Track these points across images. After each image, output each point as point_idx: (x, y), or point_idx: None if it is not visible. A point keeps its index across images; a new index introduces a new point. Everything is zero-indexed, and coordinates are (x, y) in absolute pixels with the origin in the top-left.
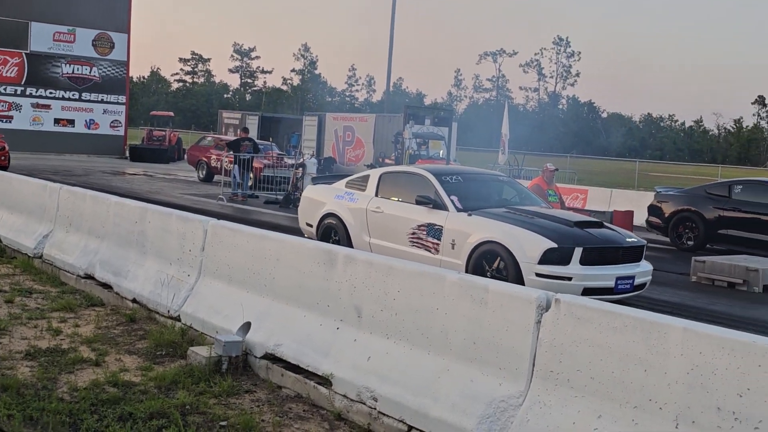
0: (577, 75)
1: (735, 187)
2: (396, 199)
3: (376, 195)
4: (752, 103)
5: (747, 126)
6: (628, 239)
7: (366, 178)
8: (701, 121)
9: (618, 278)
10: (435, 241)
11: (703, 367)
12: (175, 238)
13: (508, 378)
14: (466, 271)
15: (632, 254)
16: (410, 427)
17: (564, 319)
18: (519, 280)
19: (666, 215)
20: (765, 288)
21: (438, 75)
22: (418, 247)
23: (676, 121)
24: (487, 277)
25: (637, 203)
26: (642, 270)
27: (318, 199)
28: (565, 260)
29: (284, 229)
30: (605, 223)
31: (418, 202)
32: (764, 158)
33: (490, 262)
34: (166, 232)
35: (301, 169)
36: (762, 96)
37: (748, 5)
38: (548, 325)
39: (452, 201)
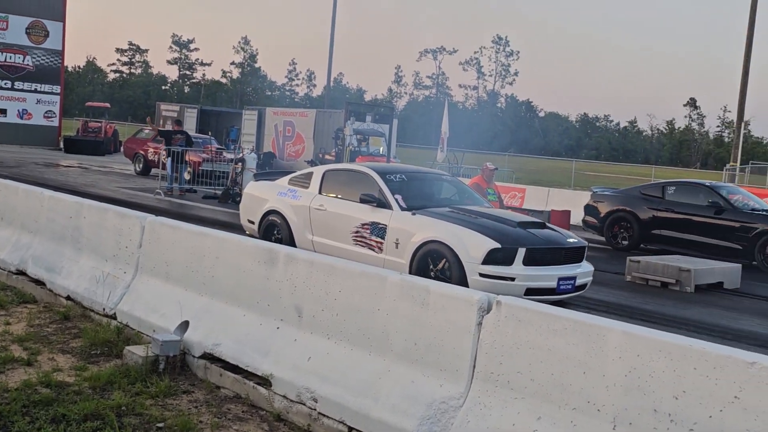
0: (516, 74)
1: (668, 188)
2: (339, 197)
3: (320, 192)
4: (684, 105)
5: (679, 127)
6: (569, 240)
7: (309, 175)
8: (635, 122)
9: (560, 279)
10: (379, 240)
11: (641, 370)
12: (111, 235)
13: (449, 379)
14: (410, 271)
15: (574, 255)
16: (350, 428)
17: (505, 321)
18: (463, 280)
19: (602, 215)
20: (697, 288)
21: (378, 71)
22: (362, 245)
23: (612, 121)
24: (431, 276)
25: (574, 202)
26: (583, 271)
27: (260, 196)
28: (509, 261)
29: (224, 225)
30: (547, 224)
31: (362, 201)
32: (695, 159)
33: (434, 261)
34: (103, 229)
35: (240, 164)
36: (693, 98)
37: (681, 10)
38: (489, 327)
39: (396, 200)
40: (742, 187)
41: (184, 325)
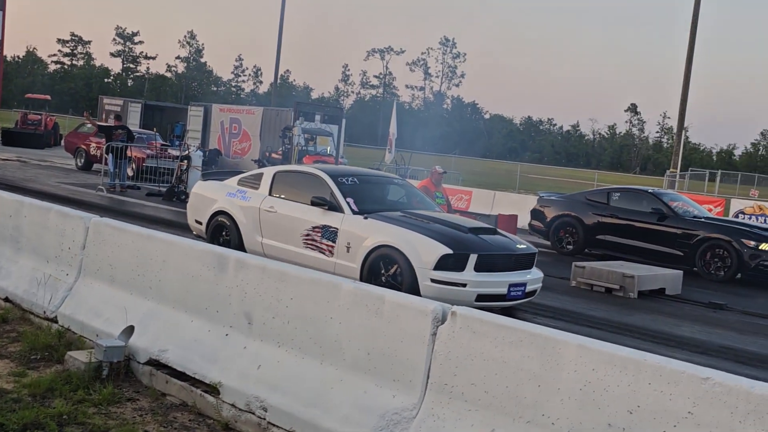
0: (462, 76)
1: (613, 194)
2: (290, 199)
3: (270, 194)
4: (625, 111)
5: (620, 132)
6: (520, 246)
7: (259, 176)
8: (578, 126)
9: (510, 285)
10: (330, 243)
11: (596, 384)
12: (53, 235)
13: (402, 390)
14: (361, 275)
15: (524, 261)
16: None
17: (460, 332)
18: (414, 285)
19: (548, 219)
20: (640, 294)
21: (326, 69)
22: (312, 249)
23: (555, 125)
24: (381, 282)
25: (520, 206)
26: (533, 277)
27: (208, 196)
28: (460, 266)
29: (168, 224)
30: (498, 230)
31: (313, 203)
32: (635, 164)
33: (386, 266)
34: (44, 228)
35: (185, 161)
36: (634, 104)
37: (624, 18)
38: (444, 338)
39: (348, 203)
40: (682, 194)
41: (129, 330)
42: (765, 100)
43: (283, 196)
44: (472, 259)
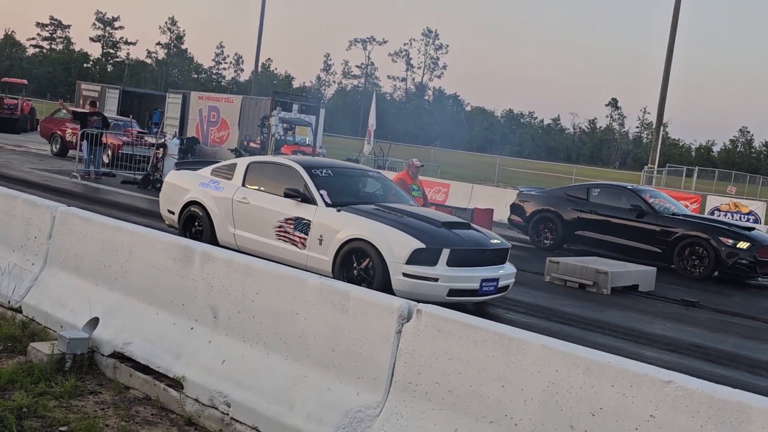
0: (444, 67)
1: (593, 190)
2: (263, 190)
3: (243, 185)
4: (606, 105)
5: (600, 127)
6: (493, 241)
7: (233, 166)
8: (559, 120)
9: (483, 280)
10: (302, 235)
11: (559, 385)
12: (19, 224)
13: (366, 388)
14: (333, 268)
15: (497, 256)
16: None
17: (425, 330)
18: (386, 279)
19: (527, 214)
20: (613, 290)
21: (307, 58)
22: (285, 240)
23: (536, 118)
24: (353, 275)
25: (497, 200)
26: (506, 272)
27: (181, 186)
28: (433, 261)
29: (143, 213)
30: (472, 224)
31: (286, 195)
32: (615, 158)
33: (358, 260)
34: (10, 217)
35: (162, 149)
36: (615, 99)
37: (606, 13)
38: (409, 336)
39: (321, 195)
40: (660, 190)
41: (94, 322)
42: (744, 97)
43: (256, 187)
44: (445, 253)
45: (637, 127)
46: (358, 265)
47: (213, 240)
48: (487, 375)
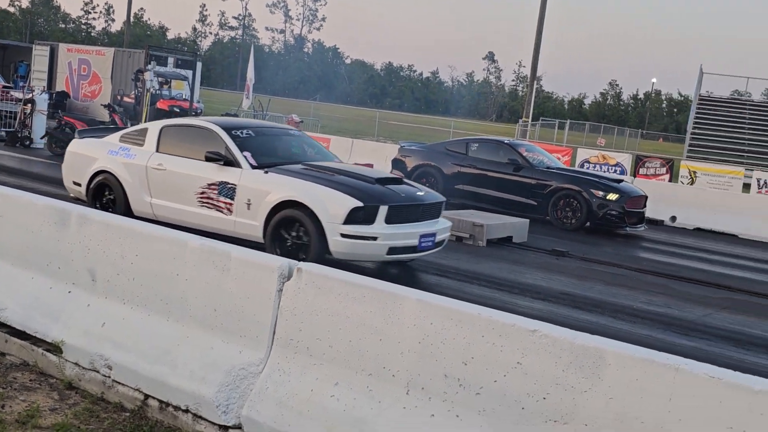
0: (323, 19)
1: (471, 144)
2: (180, 155)
3: (158, 150)
4: (483, 59)
5: (478, 80)
6: (427, 195)
7: (143, 131)
8: (437, 73)
9: (421, 236)
10: (227, 201)
11: (434, 337)
12: None
13: (249, 346)
14: (264, 233)
15: (432, 211)
16: (147, 396)
17: (305, 288)
18: (322, 240)
19: (408, 169)
20: (489, 242)
21: (182, 9)
22: (209, 207)
23: (415, 71)
24: (286, 240)
25: (378, 154)
26: (442, 227)
27: (87, 155)
28: (370, 219)
29: (12, 172)
30: (405, 180)
31: (207, 159)
32: (492, 112)
33: (291, 222)
34: None
35: (30, 104)
36: (492, 52)
37: None
38: (289, 294)
39: (245, 157)
40: (533, 143)
41: None
42: (615, 52)
43: (171, 153)
44: (383, 211)
45: (513, 80)
46: (290, 228)
47: (127, 211)
48: (365, 330)
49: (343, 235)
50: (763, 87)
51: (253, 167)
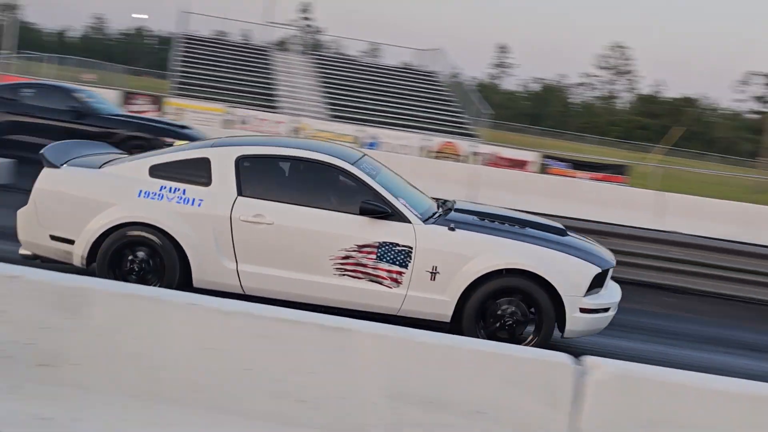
0: None
1: (24, 90)
2: (286, 201)
3: (241, 193)
4: None
5: None
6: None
7: (202, 164)
8: None
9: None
10: (395, 269)
11: None
12: None
13: None
14: (463, 315)
15: None
16: None
17: None
18: (557, 319)
19: None
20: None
21: None
22: (358, 278)
23: None
24: (504, 326)
25: None
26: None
27: (90, 197)
28: (600, 286)
29: None
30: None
31: (362, 211)
32: None
33: (498, 298)
34: None
35: None
36: None
37: None
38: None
39: (407, 207)
40: (18, 78)
41: None
42: None
43: (266, 197)
44: (610, 274)
45: None
46: (507, 306)
47: (186, 281)
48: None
49: (583, 310)
50: (240, 28)
51: (426, 221)
